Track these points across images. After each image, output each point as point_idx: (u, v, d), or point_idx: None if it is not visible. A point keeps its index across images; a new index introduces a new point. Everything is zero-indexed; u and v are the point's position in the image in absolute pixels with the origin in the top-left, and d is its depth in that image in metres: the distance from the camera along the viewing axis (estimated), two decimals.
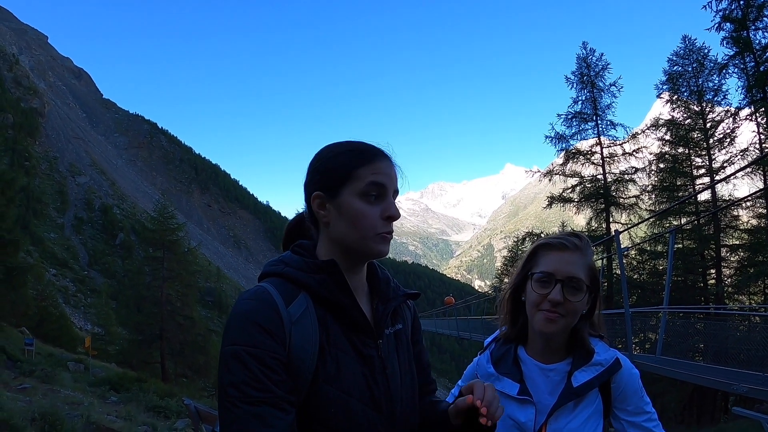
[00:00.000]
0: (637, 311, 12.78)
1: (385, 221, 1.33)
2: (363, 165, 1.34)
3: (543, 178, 23.77)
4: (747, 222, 19.73)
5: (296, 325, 1.25)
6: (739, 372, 8.38)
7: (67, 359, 20.14)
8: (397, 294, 1.51)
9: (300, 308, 1.28)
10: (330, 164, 1.37)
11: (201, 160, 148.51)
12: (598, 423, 1.58)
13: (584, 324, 1.67)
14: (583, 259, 1.63)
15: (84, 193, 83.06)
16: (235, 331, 1.20)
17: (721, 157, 20.15)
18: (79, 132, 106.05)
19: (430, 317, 40.70)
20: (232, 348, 1.18)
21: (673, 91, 21.16)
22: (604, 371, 1.58)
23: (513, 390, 1.63)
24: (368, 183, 1.32)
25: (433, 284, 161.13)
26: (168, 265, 29.69)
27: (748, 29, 16.73)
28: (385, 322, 1.43)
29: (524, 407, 1.61)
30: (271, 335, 1.20)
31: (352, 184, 1.33)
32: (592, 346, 1.64)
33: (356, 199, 1.32)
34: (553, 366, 1.64)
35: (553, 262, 1.63)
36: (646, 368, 10.45)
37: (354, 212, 1.32)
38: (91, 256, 66.57)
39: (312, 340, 1.25)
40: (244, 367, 1.16)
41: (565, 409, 1.57)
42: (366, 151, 1.37)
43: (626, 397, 1.60)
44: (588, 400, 1.58)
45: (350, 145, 1.39)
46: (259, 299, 1.25)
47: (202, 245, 74.42)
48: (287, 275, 1.33)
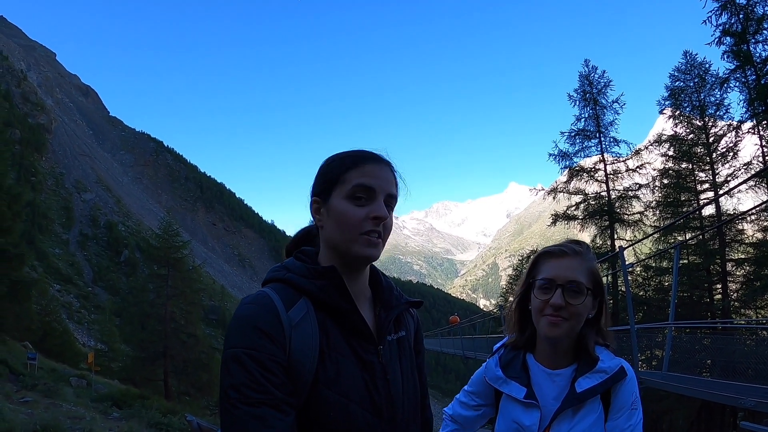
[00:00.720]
0: (642, 327, 12.71)
1: (372, 222, 1.34)
2: (351, 168, 1.36)
3: (547, 196, 23.73)
4: (752, 236, 19.62)
5: (296, 329, 1.27)
6: (746, 386, 8.31)
7: (70, 374, 20.08)
8: (399, 302, 1.53)
9: (300, 313, 1.30)
10: (324, 170, 1.42)
11: (206, 178, 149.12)
12: (601, 430, 1.58)
13: (591, 330, 1.70)
14: (584, 263, 1.68)
15: (89, 209, 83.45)
16: (236, 335, 1.23)
17: (724, 171, 20.08)
18: (86, 149, 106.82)
19: (435, 336, 40.53)
20: (233, 351, 1.21)
21: (675, 106, 21.17)
22: (608, 379, 1.60)
23: (520, 394, 1.67)
24: (354, 185, 1.34)
25: (438, 303, 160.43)
26: (172, 283, 29.67)
27: (748, 42, 16.75)
28: (387, 328, 1.45)
29: (530, 411, 1.64)
30: (271, 339, 1.22)
31: (340, 187, 1.36)
32: (597, 354, 1.66)
33: (343, 201, 1.35)
34: (560, 371, 1.67)
35: (553, 269, 1.67)
36: (653, 385, 10.37)
37: (339, 213, 1.34)
38: (95, 273, 66.70)
39: (312, 344, 1.28)
40: (244, 369, 1.18)
41: (567, 415, 1.59)
42: (356, 156, 1.40)
43: (619, 408, 1.61)
44: (591, 406, 1.60)
45: (345, 153, 1.43)
46: (260, 304, 1.27)
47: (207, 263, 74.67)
48: (288, 280, 1.36)
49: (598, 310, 1.71)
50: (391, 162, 1.45)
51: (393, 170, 1.44)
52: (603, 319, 1.72)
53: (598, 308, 1.70)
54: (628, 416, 1.59)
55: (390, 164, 1.44)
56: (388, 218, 1.36)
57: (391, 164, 1.45)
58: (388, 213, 1.38)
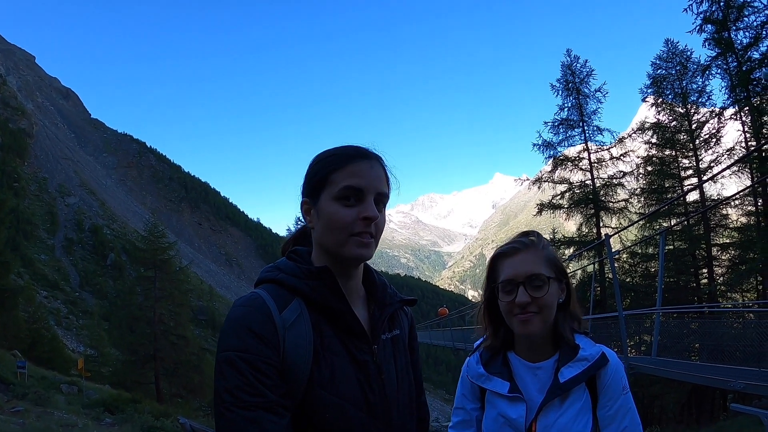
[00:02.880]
0: (630, 314, 12.82)
1: (363, 222, 1.32)
2: (338, 169, 1.35)
3: (532, 186, 23.85)
4: (737, 220, 19.82)
5: (290, 330, 1.26)
6: (735, 369, 8.42)
7: (60, 381, 19.90)
8: (393, 300, 1.52)
9: (294, 314, 1.29)
10: (312, 171, 1.40)
11: (191, 178, 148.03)
12: (588, 418, 1.59)
13: (565, 316, 1.71)
14: (538, 253, 1.68)
15: (74, 213, 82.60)
16: (229, 337, 1.22)
17: (708, 158, 20.32)
18: (68, 152, 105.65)
19: (425, 329, 40.64)
20: (226, 354, 1.20)
21: (657, 94, 21.33)
22: (590, 366, 1.61)
23: (503, 388, 1.66)
24: (342, 187, 1.32)
25: (427, 296, 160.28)
26: (160, 285, 29.51)
27: (729, 30, 16.89)
28: (381, 327, 1.44)
29: (515, 405, 1.63)
30: (264, 341, 1.21)
31: (329, 188, 1.35)
32: (577, 342, 1.66)
33: (332, 202, 1.33)
34: (540, 364, 1.68)
35: (510, 268, 1.67)
36: (643, 370, 10.49)
37: (328, 215, 1.33)
38: (82, 277, 66.08)
39: (306, 345, 1.26)
40: (238, 372, 1.18)
41: (553, 405, 1.59)
42: (343, 155, 1.38)
43: (607, 394, 1.61)
44: (576, 395, 1.60)
45: (333, 150, 1.41)
46: (252, 305, 1.26)
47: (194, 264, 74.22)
48: (281, 281, 1.35)
49: (567, 293, 1.71)
50: (380, 157, 1.44)
51: (383, 165, 1.43)
52: (572, 301, 1.72)
53: (566, 292, 1.71)
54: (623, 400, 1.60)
55: (379, 159, 1.42)
56: (378, 217, 1.34)
57: (380, 159, 1.43)
58: (379, 211, 1.37)
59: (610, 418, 1.59)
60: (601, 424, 1.60)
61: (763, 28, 16.43)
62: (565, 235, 23.00)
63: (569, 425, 1.57)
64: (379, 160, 1.42)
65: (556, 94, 22.85)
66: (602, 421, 1.60)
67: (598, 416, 1.60)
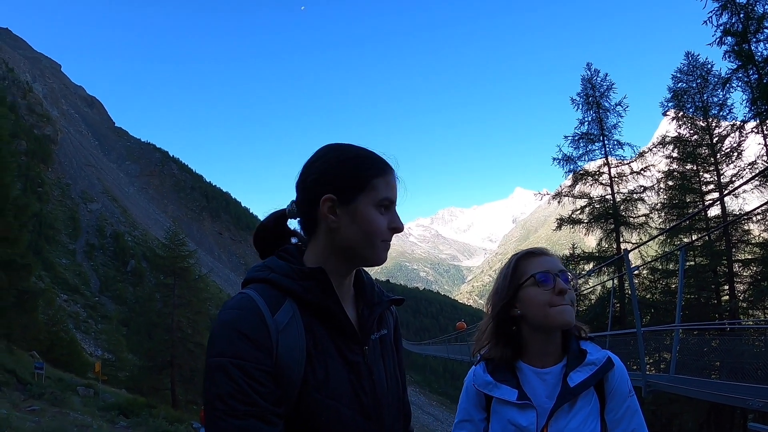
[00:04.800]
0: (649, 330, 12.67)
1: (391, 232, 1.38)
2: (379, 176, 1.37)
3: (552, 201, 23.75)
4: (759, 235, 19.56)
5: (283, 333, 1.24)
6: (754, 387, 8.26)
7: (77, 384, 20.13)
8: (381, 299, 1.51)
9: (287, 316, 1.27)
10: (344, 169, 1.37)
11: (212, 188, 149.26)
12: (597, 422, 1.61)
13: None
14: (556, 259, 1.77)
15: (96, 219, 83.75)
16: (220, 342, 1.19)
17: (729, 172, 20.05)
18: (92, 159, 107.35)
19: (443, 343, 40.48)
20: (218, 360, 1.18)
21: (678, 107, 21.16)
22: (598, 370, 1.64)
23: (512, 396, 1.67)
24: (384, 197, 1.35)
25: (445, 310, 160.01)
26: (179, 292, 29.72)
27: (749, 42, 16.74)
28: (371, 327, 1.44)
29: (525, 412, 1.64)
30: (257, 345, 1.19)
31: (370, 194, 1.35)
32: (584, 347, 1.71)
33: (372, 208, 1.34)
34: (549, 369, 1.69)
35: (543, 263, 1.72)
36: (661, 387, 10.34)
37: (369, 221, 1.34)
38: (102, 283, 66.84)
39: (299, 347, 1.25)
40: (230, 379, 1.15)
41: (563, 410, 1.61)
42: (381, 162, 1.40)
43: (615, 398, 1.64)
44: (585, 399, 1.62)
45: (363, 152, 1.41)
46: (244, 308, 1.24)
47: (213, 272, 74.75)
48: (273, 281, 1.32)
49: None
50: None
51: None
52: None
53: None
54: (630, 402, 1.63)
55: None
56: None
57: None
58: None
59: (617, 422, 1.61)
60: (609, 427, 1.62)
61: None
62: (584, 251, 22.79)
63: (579, 430, 1.58)
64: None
65: (577, 108, 22.77)
66: (610, 425, 1.62)
67: (606, 420, 1.62)
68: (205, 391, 1.19)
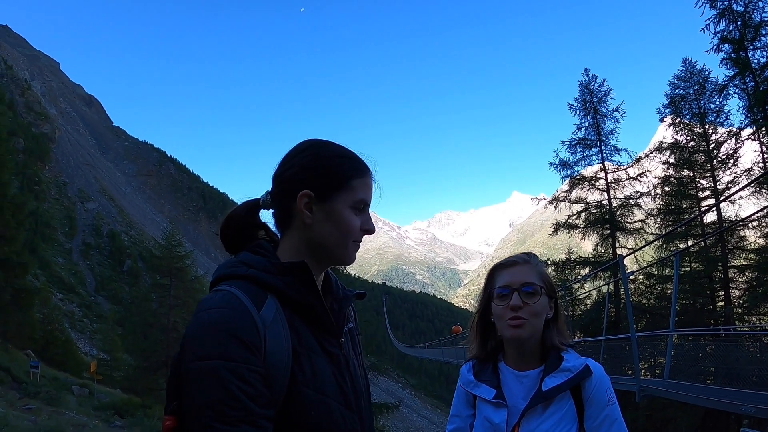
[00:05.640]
0: (643, 335, 12.74)
1: (362, 233, 1.39)
2: (358, 177, 1.38)
3: (549, 206, 23.82)
4: (754, 242, 19.63)
5: (270, 330, 1.21)
6: (748, 393, 8.31)
7: (72, 383, 20.08)
8: (347, 294, 1.52)
9: (271, 312, 1.24)
10: (324, 167, 1.36)
11: (209, 188, 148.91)
12: (571, 427, 1.68)
13: (552, 330, 1.83)
14: (534, 269, 1.83)
15: (92, 219, 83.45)
16: (209, 344, 1.13)
17: (725, 178, 20.10)
18: (89, 158, 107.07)
19: (438, 346, 40.51)
20: (205, 364, 1.12)
21: (675, 114, 21.21)
22: (573, 377, 1.71)
23: (489, 395, 1.79)
24: (360, 199, 1.37)
25: (441, 313, 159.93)
26: (175, 293, 29.53)
27: (747, 49, 16.82)
28: (343, 320, 1.45)
29: (498, 410, 1.75)
30: (249, 347, 1.15)
31: (347, 194, 1.36)
32: (563, 354, 1.78)
33: (348, 209, 1.35)
34: (527, 373, 1.79)
35: (508, 276, 1.83)
36: (655, 393, 10.40)
37: (344, 221, 1.35)
38: (98, 282, 66.63)
39: (285, 345, 1.23)
40: (221, 385, 1.10)
41: (535, 412, 1.70)
42: (361, 163, 1.42)
43: (592, 405, 1.70)
44: (559, 404, 1.70)
45: (343, 151, 1.41)
46: (231, 306, 1.18)
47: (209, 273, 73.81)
48: (253, 277, 1.28)
49: (555, 310, 1.84)
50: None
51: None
52: (559, 318, 1.85)
53: (554, 309, 1.84)
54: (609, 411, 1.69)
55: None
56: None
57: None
58: None
59: (595, 429, 1.68)
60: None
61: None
62: (580, 255, 22.87)
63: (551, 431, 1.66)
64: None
65: (574, 114, 22.86)
66: (588, 431, 1.69)
67: (585, 427, 1.70)
68: (188, 399, 1.14)
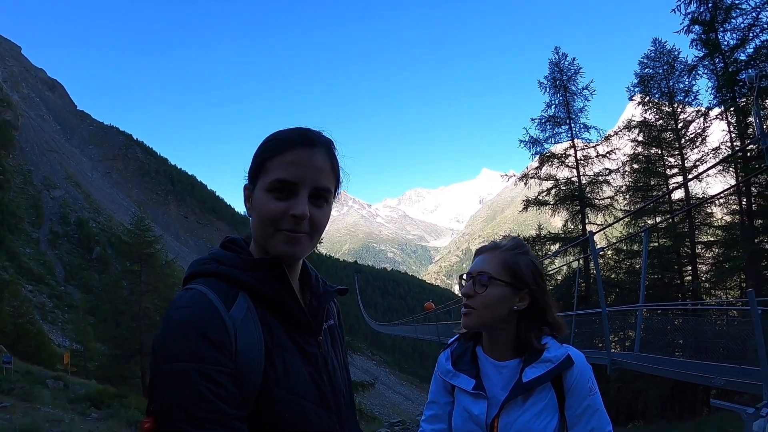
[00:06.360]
0: (614, 310, 12.99)
1: (292, 220, 1.23)
2: (274, 156, 1.25)
3: (519, 182, 24.08)
4: (721, 219, 20.13)
5: (240, 329, 1.16)
6: (716, 365, 8.56)
7: (46, 377, 19.77)
8: (327, 289, 1.45)
9: (242, 311, 1.19)
10: (254, 154, 1.31)
11: (177, 171, 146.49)
12: (552, 417, 1.64)
13: (527, 323, 1.75)
14: (499, 257, 1.77)
15: (59, 206, 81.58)
16: (175, 345, 1.09)
17: (693, 156, 20.58)
18: (54, 144, 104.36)
19: (411, 323, 40.82)
20: (174, 366, 1.07)
21: (644, 93, 21.56)
22: (554, 368, 1.65)
23: (469, 385, 1.74)
24: (275, 179, 1.23)
25: (413, 290, 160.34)
26: (145, 279, 29.20)
27: (717, 31, 17.15)
28: (321, 318, 1.38)
29: (478, 401, 1.71)
30: (218, 347, 1.10)
31: (263, 177, 1.26)
32: (542, 344, 1.71)
33: (264, 193, 1.25)
34: (506, 363, 1.74)
35: (474, 263, 1.81)
36: (626, 366, 10.67)
37: (259, 208, 1.25)
38: (67, 271, 65.36)
39: (257, 343, 1.17)
40: (190, 386, 1.05)
41: (515, 403, 1.65)
42: (282, 140, 1.27)
43: (574, 395, 1.66)
44: (539, 395, 1.65)
45: (277, 134, 1.31)
46: (199, 306, 1.14)
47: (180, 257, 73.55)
48: (223, 274, 1.23)
49: (532, 301, 1.74)
50: (328, 143, 1.32)
51: (330, 153, 1.31)
52: (549, 310, 1.77)
53: (531, 300, 1.74)
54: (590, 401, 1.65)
55: (326, 146, 1.31)
56: (308, 216, 1.24)
57: (327, 146, 1.31)
58: (319, 206, 1.28)
59: (577, 418, 1.64)
60: (569, 423, 1.66)
61: (750, 30, 16.69)
62: (550, 231, 23.14)
63: (531, 423, 1.62)
64: (325, 148, 1.30)
65: (544, 92, 23.05)
66: (570, 420, 1.65)
67: (566, 416, 1.66)
68: (158, 401, 1.10)
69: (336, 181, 1.33)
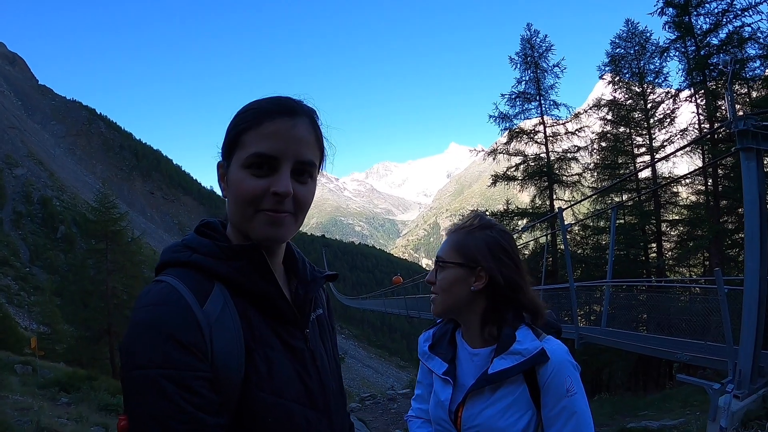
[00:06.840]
0: (581, 285, 13.20)
1: (273, 198, 1.10)
2: (250, 128, 1.11)
3: (487, 157, 24.09)
4: (686, 198, 20.56)
5: (216, 326, 1.04)
6: (680, 341, 8.81)
7: (14, 362, 19.41)
8: (315, 276, 1.33)
9: (217, 305, 1.07)
10: (228, 127, 1.16)
11: (142, 146, 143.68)
12: (522, 414, 1.52)
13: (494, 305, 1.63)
14: (451, 239, 1.69)
15: (22, 185, 79.47)
16: (143, 350, 0.98)
17: (661, 137, 20.88)
18: (15, 121, 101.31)
19: (380, 297, 41.14)
20: (144, 373, 0.96)
21: (615, 72, 21.76)
22: (523, 361, 1.51)
23: (440, 369, 1.69)
24: (251, 153, 1.09)
25: (381, 264, 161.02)
26: (112, 257, 28.70)
27: (690, 14, 17.41)
28: (308, 308, 1.27)
29: (446, 387, 1.65)
30: (191, 350, 0.99)
31: (238, 152, 1.12)
32: (513, 333, 1.57)
33: (239, 170, 1.11)
34: (478, 351, 1.64)
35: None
36: (592, 340, 10.90)
37: (235, 186, 1.12)
38: (32, 252, 63.99)
39: (237, 341, 1.06)
40: (163, 396, 0.95)
41: (481, 394, 1.56)
42: (259, 110, 1.13)
43: (548, 393, 1.50)
44: (508, 389, 1.54)
45: (252, 104, 1.17)
46: (168, 303, 1.02)
47: (147, 234, 72.58)
48: (196, 264, 1.12)
49: (492, 280, 1.60)
50: (311, 112, 1.19)
51: (314, 123, 1.19)
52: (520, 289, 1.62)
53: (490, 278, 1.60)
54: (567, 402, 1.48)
55: (309, 115, 1.18)
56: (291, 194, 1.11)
57: (310, 115, 1.18)
58: (303, 182, 1.15)
59: (552, 419, 1.49)
60: (544, 423, 1.52)
61: (724, 15, 16.94)
62: (518, 207, 23.31)
63: (496, 418, 1.53)
64: (307, 117, 1.17)
65: (515, 67, 23.00)
66: (545, 422, 1.52)
67: (542, 415, 1.52)
68: (130, 411, 0.98)
69: (320, 153, 1.21)
